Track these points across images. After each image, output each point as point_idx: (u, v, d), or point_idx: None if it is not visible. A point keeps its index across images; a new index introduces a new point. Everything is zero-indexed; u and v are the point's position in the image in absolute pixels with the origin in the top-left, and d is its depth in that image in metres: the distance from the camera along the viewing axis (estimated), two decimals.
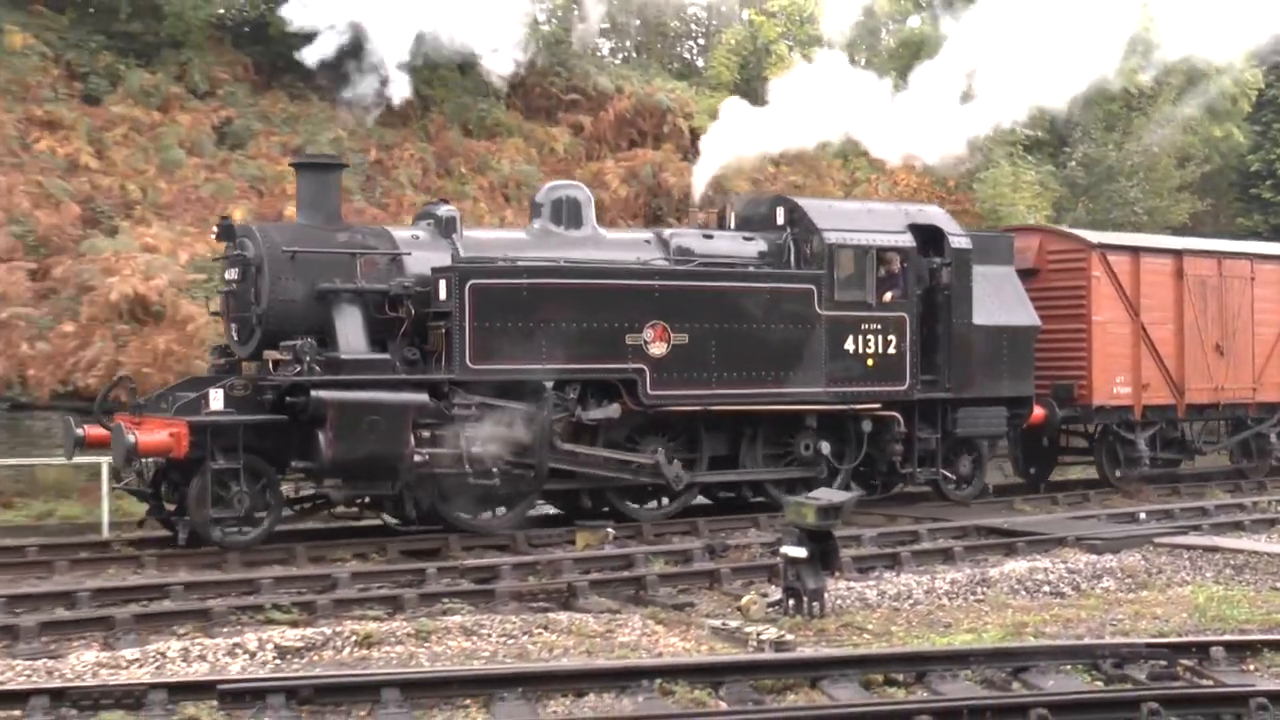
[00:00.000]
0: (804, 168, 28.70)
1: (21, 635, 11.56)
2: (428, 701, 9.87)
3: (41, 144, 22.60)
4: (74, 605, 12.70)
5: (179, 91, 25.15)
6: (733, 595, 13.73)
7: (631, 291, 16.55)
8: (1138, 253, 21.44)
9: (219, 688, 9.87)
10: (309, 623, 12.21)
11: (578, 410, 16.20)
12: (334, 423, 14.62)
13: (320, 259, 15.57)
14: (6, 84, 23.43)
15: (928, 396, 18.47)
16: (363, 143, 25.48)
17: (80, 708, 9.69)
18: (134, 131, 23.80)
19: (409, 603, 12.82)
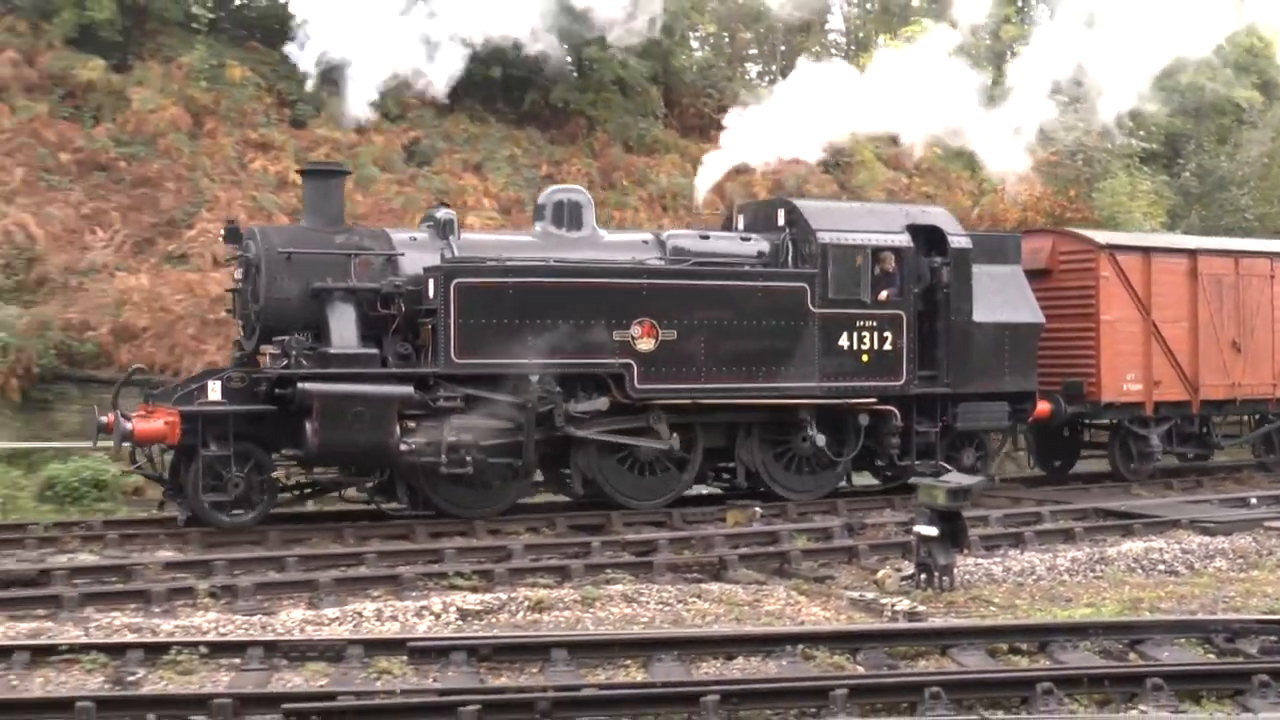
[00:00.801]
0: (935, 179, 28.33)
1: (240, 594, 11.86)
2: (592, 661, 9.93)
3: (256, 163, 23.16)
4: (283, 569, 12.98)
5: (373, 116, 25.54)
6: (869, 569, 13.62)
7: (618, 290, 15.91)
8: (1149, 253, 20.15)
9: (408, 645, 10.04)
10: (487, 589, 12.33)
11: (565, 403, 15.59)
12: (319, 413, 14.37)
13: (315, 259, 15.29)
14: (227, 111, 24.07)
15: (926, 391, 17.55)
16: (535, 159, 25.70)
17: (289, 658, 9.92)
18: (334, 151, 24.24)
19: (576, 572, 12.88)
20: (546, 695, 8.64)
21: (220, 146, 23.34)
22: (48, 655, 9.83)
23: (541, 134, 26.78)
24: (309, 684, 9.43)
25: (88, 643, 10.13)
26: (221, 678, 9.59)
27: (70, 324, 19.08)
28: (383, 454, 14.82)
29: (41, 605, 11.51)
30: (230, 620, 11.06)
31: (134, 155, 22.71)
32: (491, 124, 26.53)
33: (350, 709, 8.51)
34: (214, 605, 11.65)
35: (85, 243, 20.35)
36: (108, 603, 11.64)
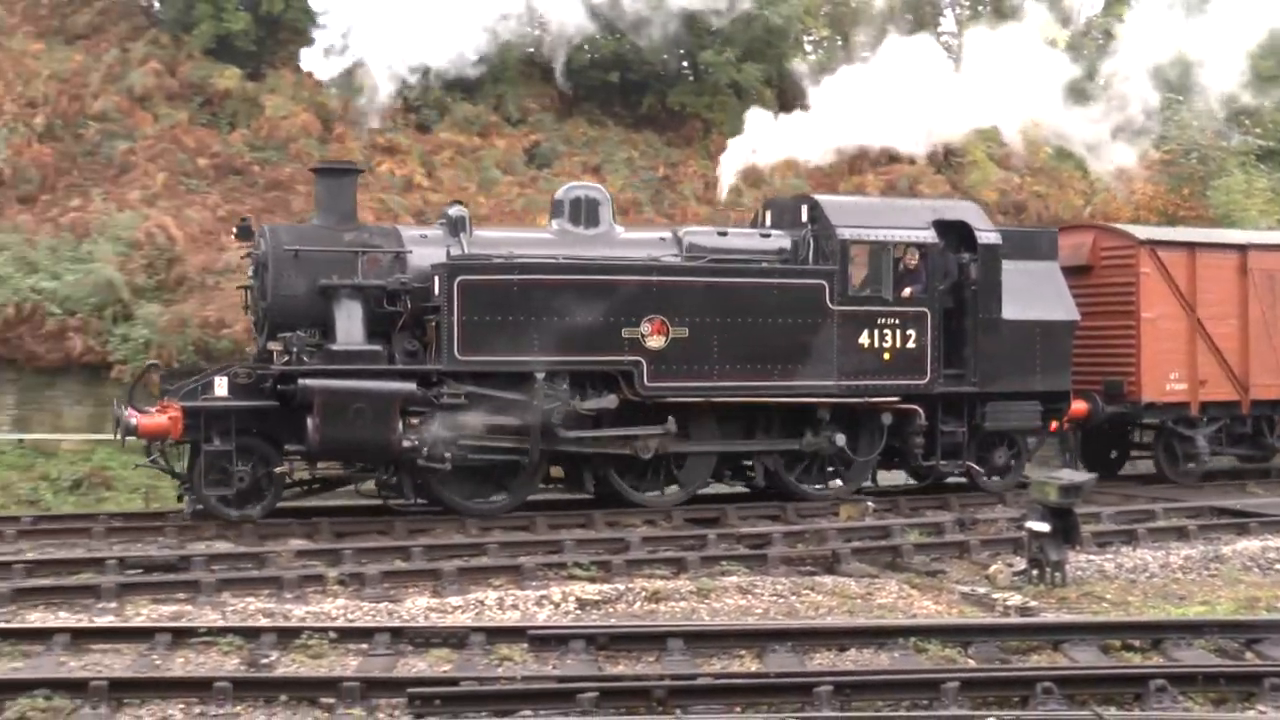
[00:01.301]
0: (1046, 178, 27.87)
1: (367, 582, 12.00)
2: (708, 651, 9.92)
3: (383, 166, 23.46)
4: (409, 558, 13.12)
5: (496, 120, 25.83)
6: (981, 564, 13.45)
7: (628, 287, 15.37)
8: (1193, 248, 18.97)
9: (529, 633, 10.11)
10: (605, 579, 12.37)
11: (573, 400, 15.15)
12: (320, 409, 14.15)
13: (323, 256, 15.05)
14: (355, 116, 24.40)
15: (952, 390, 16.73)
16: (652, 161, 25.74)
17: (415, 644, 10.05)
18: (458, 155, 24.52)
19: (692, 564, 12.87)
20: (663, 683, 8.65)
21: (348, 150, 23.66)
22: (187, 637, 10.07)
23: (658, 136, 26.80)
24: (433, 669, 9.56)
25: (224, 626, 10.35)
26: (350, 662, 9.75)
27: (207, 321, 19.47)
28: (385, 450, 14.57)
29: (181, 590, 11.76)
30: (358, 607, 11.23)
31: (267, 159, 23.13)
32: (610, 127, 26.63)
33: (473, 694, 8.59)
34: (343, 592, 11.83)
35: (221, 243, 20.75)
36: (243, 588, 11.87)
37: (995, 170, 27.15)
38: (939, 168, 26.74)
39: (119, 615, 11.06)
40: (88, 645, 10.02)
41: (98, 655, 9.88)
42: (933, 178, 26.27)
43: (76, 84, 23.45)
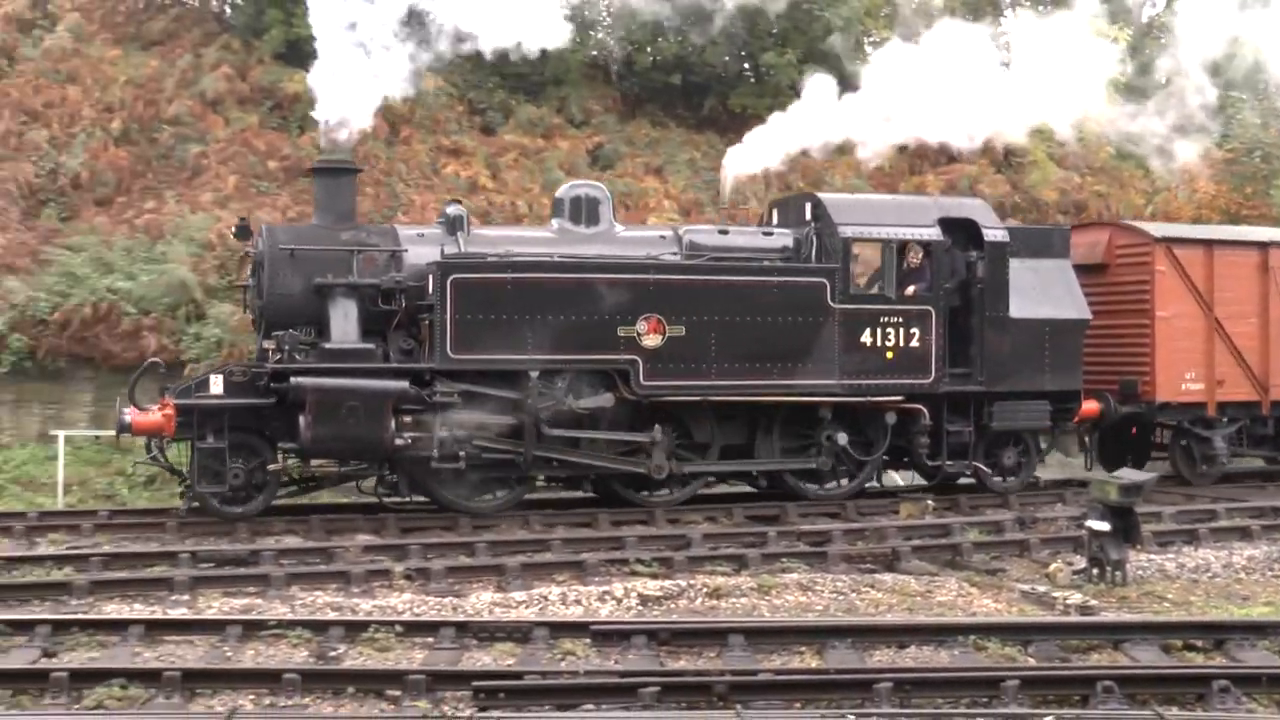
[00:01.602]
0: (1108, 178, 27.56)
1: (433, 577, 12.07)
2: (768, 647, 9.90)
3: (448, 168, 23.58)
4: (474, 554, 13.17)
5: (559, 122, 25.89)
6: (1040, 563, 13.32)
7: (624, 285, 15.08)
8: (1211, 245, 18.28)
9: (592, 628, 10.14)
10: (667, 575, 12.37)
11: (568, 399, 14.93)
12: (312, 407, 14.01)
13: (318, 255, 14.94)
14: (421, 119, 24.57)
15: (957, 390, 16.26)
16: (714, 162, 25.69)
17: (479, 638, 10.09)
18: (522, 156, 24.59)
19: (752, 561, 12.83)
20: (724, 679, 8.65)
21: (415, 153, 23.82)
22: (257, 630, 10.16)
23: (720, 138, 26.71)
24: (497, 663, 9.60)
25: (293, 619, 10.43)
26: (416, 655, 9.81)
27: None
28: (377, 448, 14.43)
29: (252, 584, 11.89)
30: (424, 601, 11.30)
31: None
32: (672, 129, 26.63)
33: (536, 688, 8.62)
34: (409, 587, 11.89)
35: None
36: (311, 582, 11.97)
37: (1055, 170, 26.87)
38: (999, 167, 26.50)
39: (191, 608, 11.19)
40: (162, 636, 10.14)
41: (171, 646, 10.01)
42: (993, 178, 26.05)
43: (151, 89, 23.75)
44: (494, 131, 25.37)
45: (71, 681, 8.70)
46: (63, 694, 8.63)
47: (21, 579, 11.99)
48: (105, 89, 23.41)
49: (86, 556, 12.63)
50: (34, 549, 13.40)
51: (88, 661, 9.46)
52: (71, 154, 22.13)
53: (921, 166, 26.35)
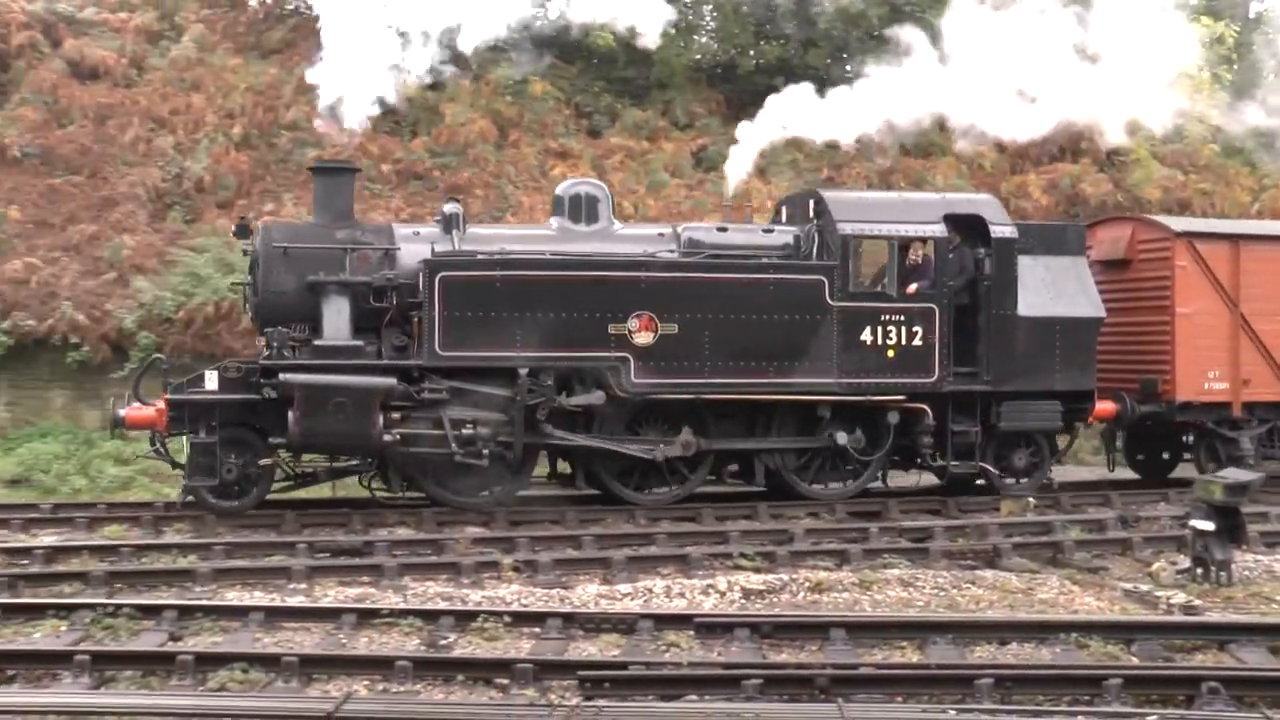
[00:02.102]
0: (1213, 175, 26.93)
1: (540, 569, 12.16)
2: (869, 641, 9.81)
3: (555, 170, 23.69)
4: (580, 547, 13.24)
5: (664, 124, 25.91)
6: (1143, 562, 13.05)
7: (614, 283, 14.80)
8: (1236, 240, 17.31)
9: (695, 620, 10.13)
10: (769, 570, 12.32)
11: (558, 396, 14.71)
12: (300, 403, 13.94)
13: (311, 253, 14.83)
14: (529, 123, 24.74)
15: (962, 389, 15.65)
16: (817, 163, 25.55)
17: (585, 629, 10.13)
18: (628, 159, 24.64)
19: (854, 556, 12.74)
20: (825, 672, 8.59)
21: (523, 155, 23.98)
22: (371, 618, 10.30)
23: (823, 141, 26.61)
24: (603, 653, 9.62)
25: (405, 608, 10.56)
26: (523, 645, 9.86)
27: None
28: (365, 443, 14.31)
29: (366, 573, 12.06)
30: (531, 592, 11.37)
31: (446, 165, 23.54)
32: None
33: (641, 678, 8.64)
34: (517, 578, 11.99)
35: None
36: (422, 573, 12.10)
37: (1158, 168, 26.32)
38: (1101, 166, 26.03)
39: (308, 596, 11.38)
40: (280, 623, 10.33)
41: (289, 633, 10.18)
42: (1095, 176, 25.59)
43: (270, 96, 24.16)
44: (600, 134, 25.47)
45: (196, 664, 8.91)
46: (188, 676, 8.83)
47: (149, 566, 12.29)
48: (227, 96, 23.87)
49: (210, 545, 12.90)
50: (160, 537, 13.70)
51: (211, 645, 9.67)
52: (195, 159, 22.59)
53: (1023, 166, 25.97)
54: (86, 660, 8.93)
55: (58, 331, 19.47)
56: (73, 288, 20.01)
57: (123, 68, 24.11)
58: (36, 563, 12.38)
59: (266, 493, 14.93)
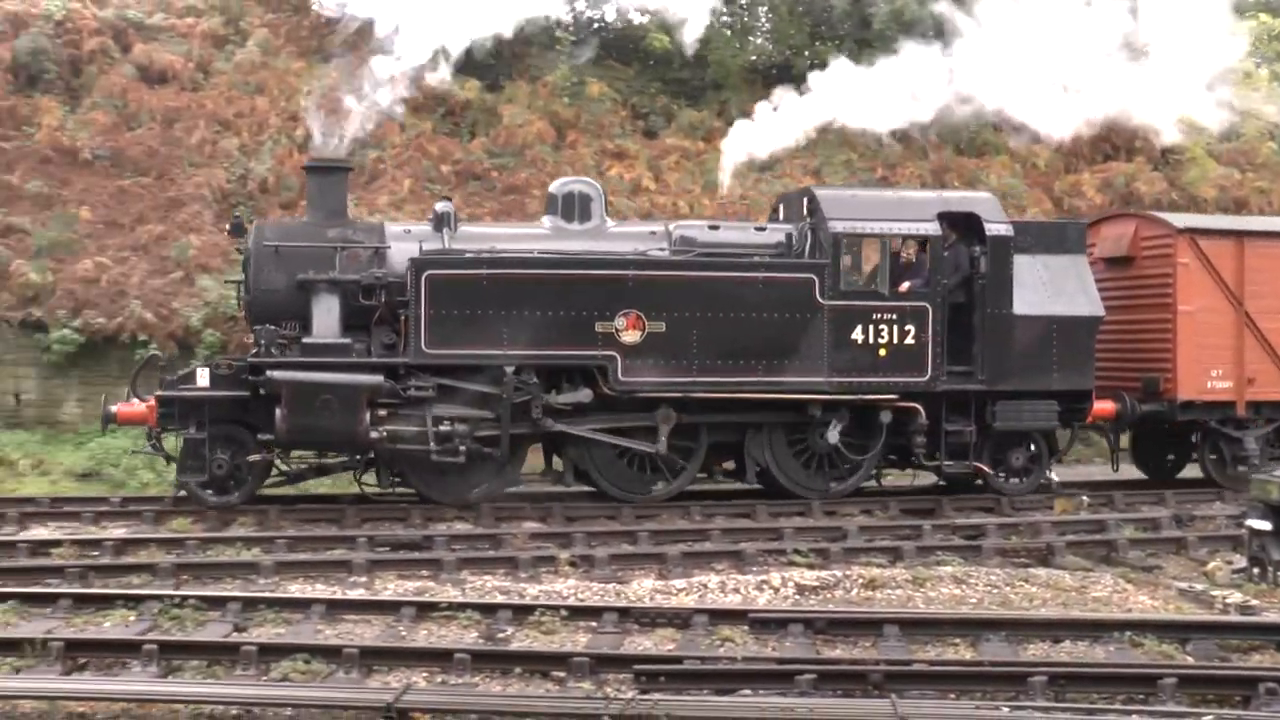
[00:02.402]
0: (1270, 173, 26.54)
1: (596, 564, 12.19)
2: (922, 638, 9.76)
3: (612, 170, 23.72)
4: (636, 542, 13.25)
5: (720, 125, 25.81)
6: (1198, 561, 12.90)
7: (601, 281, 14.70)
8: (1241, 237, 16.80)
9: (749, 615, 10.11)
10: (823, 566, 12.28)
11: (545, 394, 14.65)
12: (287, 400, 13.98)
13: (302, 252, 14.82)
14: (586, 124, 24.78)
15: (956, 388, 15.34)
16: (871, 162, 25.43)
17: (640, 624, 10.14)
18: (683, 159, 24.62)
19: (907, 553, 12.69)
20: (879, 668, 8.55)
21: (580, 156, 24.02)
22: (430, 611, 10.35)
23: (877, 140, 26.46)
24: (658, 647, 9.63)
25: (464, 601, 10.61)
26: (580, 638, 9.89)
27: None
28: (351, 440, 14.34)
29: (425, 567, 12.14)
30: (587, 587, 11.40)
31: (504, 165, 23.62)
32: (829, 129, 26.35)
33: (696, 672, 8.63)
34: (573, 573, 12.03)
35: None
36: (481, 567, 12.17)
37: (1214, 166, 25.98)
38: (1156, 165, 25.72)
39: (369, 589, 11.47)
40: (341, 615, 10.41)
41: (350, 625, 10.26)
42: (1150, 175, 25.30)
43: (333, 98, 24.33)
44: (656, 135, 25.46)
45: (260, 655, 9.00)
46: (252, 666, 8.93)
47: (215, 559, 12.43)
48: (290, 99, 24.05)
49: (273, 539, 13.02)
50: (225, 530, 13.85)
51: (274, 637, 9.75)
52: (259, 160, 22.81)
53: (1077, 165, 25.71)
54: (154, 649, 9.05)
55: (126, 329, 19.71)
56: (141, 286, 20.26)
57: (190, 72, 24.37)
58: (106, 554, 12.54)
59: (257, 488, 14.97)
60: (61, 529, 13.93)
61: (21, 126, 22.80)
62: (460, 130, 24.46)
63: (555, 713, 7.80)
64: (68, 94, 23.76)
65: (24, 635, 9.38)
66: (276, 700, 8.06)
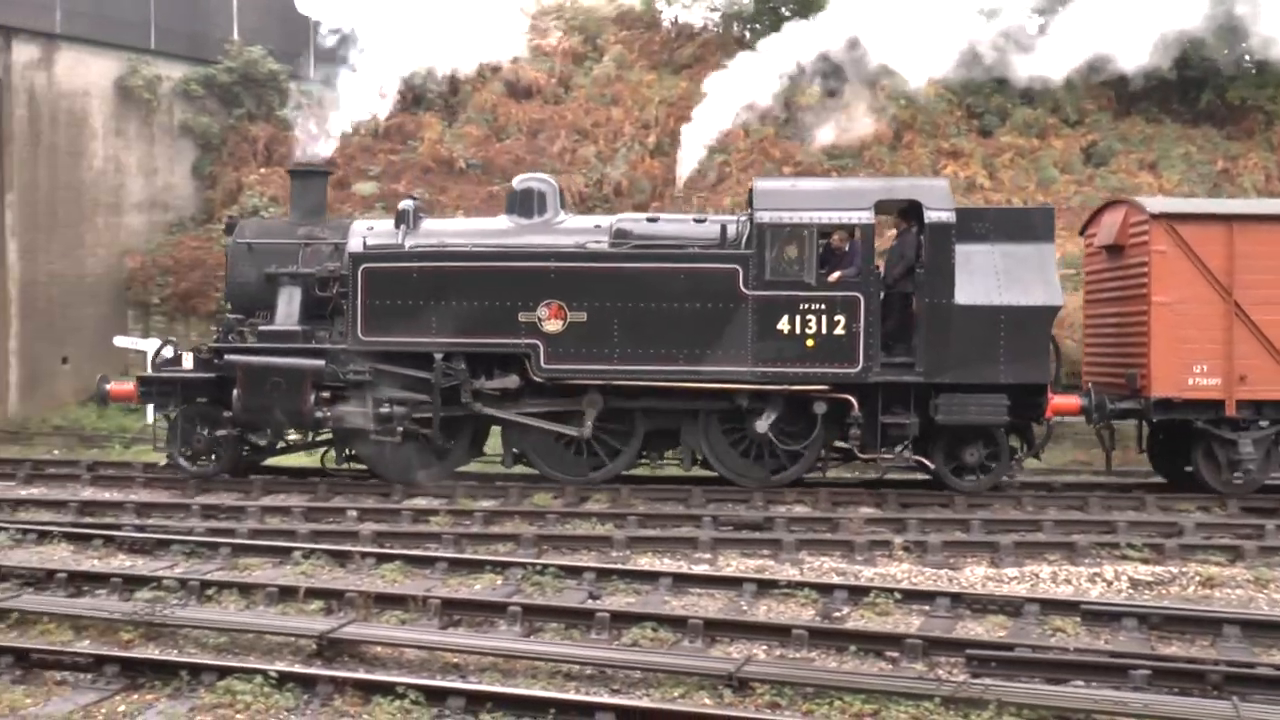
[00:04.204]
0: None
1: (929, 550, 11.97)
2: (1266, 640, 9.13)
3: (947, 169, 23.24)
4: (968, 530, 12.95)
5: (1054, 122, 24.94)
6: None
7: (524, 273, 14.58)
8: (1230, 222, 14.57)
9: (1082, 607, 9.76)
10: (1158, 561, 11.66)
11: (472, 380, 14.69)
12: (241, 381, 14.70)
13: (271, 248, 15.53)
14: (922, 125, 24.35)
15: (891, 379, 14.25)
16: (1210, 155, 23.94)
17: (972, 610, 9.93)
18: (1018, 156, 23.87)
19: (1249, 553, 11.85)
20: (1219, 668, 8.05)
21: (916, 156, 23.64)
22: (770, 588, 10.44)
23: (1216, 131, 24.88)
24: (990, 634, 9.38)
25: (801, 581, 10.64)
26: (913, 621, 9.76)
27: None
28: (297, 420, 14.91)
29: (765, 547, 12.21)
30: (920, 572, 11.23)
31: (843, 166, 23.50)
32: (1166, 124, 24.99)
33: (1027, 660, 8.38)
34: (907, 558, 11.85)
35: None
36: (818, 549, 12.14)
37: None
38: None
39: (712, 565, 11.64)
40: (686, 589, 10.63)
41: (694, 597, 10.46)
42: None
43: (682, 107, 24.78)
44: (991, 133, 24.77)
45: (612, 621, 9.29)
46: (605, 631, 9.22)
47: (572, 531, 12.89)
48: (643, 109, 24.70)
49: (625, 515, 13.39)
50: (582, 506, 14.31)
51: (625, 605, 10.03)
52: (614, 166, 23.51)
53: None
54: (518, 611, 9.48)
55: None
56: None
57: (552, 87, 25.37)
58: (476, 524, 13.21)
59: (234, 461, 15.61)
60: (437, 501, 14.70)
61: (407, 141, 24.31)
62: (801, 134, 24.47)
63: (888, 690, 7.71)
64: (446, 110, 25.14)
65: (408, 592, 10.01)
66: (628, 663, 8.29)
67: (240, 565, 11.44)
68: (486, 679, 8.22)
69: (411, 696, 7.64)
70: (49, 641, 8.89)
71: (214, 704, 7.70)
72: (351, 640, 8.75)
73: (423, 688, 7.72)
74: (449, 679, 8.15)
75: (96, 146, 23.16)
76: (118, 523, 13.25)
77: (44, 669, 8.34)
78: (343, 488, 15.06)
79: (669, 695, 7.96)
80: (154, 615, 9.21)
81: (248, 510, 13.76)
